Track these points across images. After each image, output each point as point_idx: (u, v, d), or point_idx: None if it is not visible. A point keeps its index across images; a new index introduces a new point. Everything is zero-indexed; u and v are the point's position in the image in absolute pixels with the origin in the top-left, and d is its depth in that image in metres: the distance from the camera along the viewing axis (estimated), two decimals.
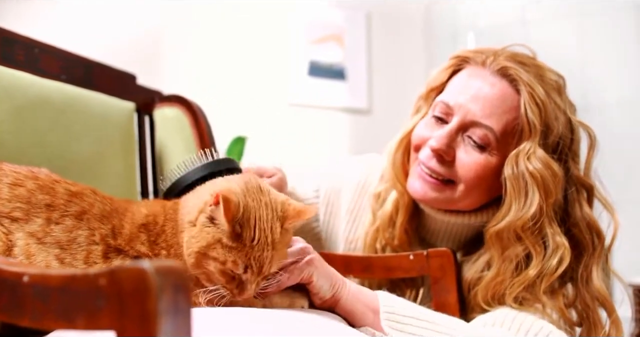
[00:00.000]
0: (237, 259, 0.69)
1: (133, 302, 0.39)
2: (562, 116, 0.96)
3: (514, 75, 0.95)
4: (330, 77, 2.75)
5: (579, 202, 0.97)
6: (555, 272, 0.91)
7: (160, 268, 0.39)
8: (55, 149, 0.95)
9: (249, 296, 0.72)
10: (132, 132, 1.15)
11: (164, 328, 0.38)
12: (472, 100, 0.96)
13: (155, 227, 0.77)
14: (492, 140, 0.95)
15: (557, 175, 0.93)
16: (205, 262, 0.70)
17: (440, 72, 1.05)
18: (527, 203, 0.92)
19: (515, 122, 0.95)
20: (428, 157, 0.99)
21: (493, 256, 0.96)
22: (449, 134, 0.97)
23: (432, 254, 0.99)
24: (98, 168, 1.03)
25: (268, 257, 0.70)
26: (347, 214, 1.18)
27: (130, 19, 2.22)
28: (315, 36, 2.72)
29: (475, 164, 0.96)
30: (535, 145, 0.92)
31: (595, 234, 0.96)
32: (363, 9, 2.83)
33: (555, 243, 0.92)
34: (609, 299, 0.95)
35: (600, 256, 0.96)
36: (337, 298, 0.82)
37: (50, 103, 0.96)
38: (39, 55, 1.00)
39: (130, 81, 1.20)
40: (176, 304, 0.40)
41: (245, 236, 0.69)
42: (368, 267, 1.04)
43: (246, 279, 0.70)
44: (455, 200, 1.00)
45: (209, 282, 0.72)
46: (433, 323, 0.83)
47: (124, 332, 0.39)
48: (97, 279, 0.41)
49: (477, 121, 0.95)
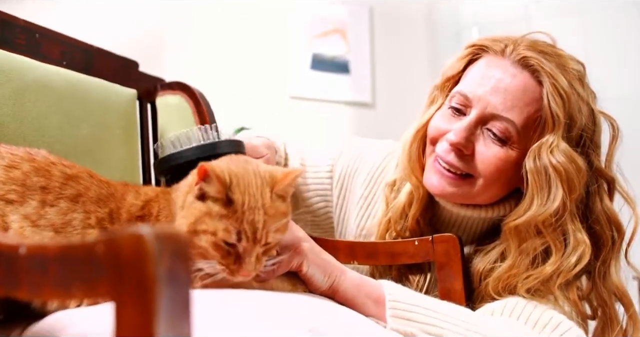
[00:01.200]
0: (228, 226, 0.67)
1: (131, 269, 0.38)
2: (585, 107, 0.92)
3: (535, 65, 0.91)
4: (333, 71, 2.73)
5: (600, 195, 0.93)
6: (573, 270, 0.88)
7: (160, 234, 0.38)
8: (55, 134, 0.94)
9: (248, 272, 0.68)
10: (134, 119, 1.14)
11: (163, 296, 0.37)
12: (492, 93, 0.92)
13: (150, 218, 0.77)
14: (514, 133, 0.91)
15: (581, 169, 0.89)
16: (197, 239, 0.68)
17: (457, 61, 1.00)
18: (550, 198, 0.88)
19: (538, 114, 0.91)
20: (446, 151, 0.95)
21: (509, 248, 0.93)
22: (468, 127, 0.92)
23: (437, 239, 0.97)
24: (98, 153, 1.02)
25: (260, 222, 0.68)
26: (362, 199, 1.12)
27: (134, 13, 2.21)
28: (318, 30, 2.71)
29: (495, 158, 0.92)
30: (558, 138, 0.88)
31: (615, 228, 0.93)
32: (366, 3, 2.81)
33: (576, 240, 0.88)
34: (627, 294, 0.92)
35: (619, 250, 0.93)
36: (335, 288, 0.80)
37: (50, 87, 0.95)
38: (40, 41, 0.99)
39: (132, 68, 1.19)
40: (175, 272, 0.38)
41: (235, 201, 0.68)
42: (373, 253, 1.02)
43: (242, 250, 0.68)
44: (473, 194, 0.96)
45: (208, 263, 0.70)
46: (440, 313, 0.81)
47: (122, 300, 0.38)
48: (95, 246, 0.40)
49: (498, 114, 0.91)
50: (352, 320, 0.69)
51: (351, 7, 2.77)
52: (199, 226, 0.68)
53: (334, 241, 1.06)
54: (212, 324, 0.57)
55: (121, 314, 0.38)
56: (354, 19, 2.78)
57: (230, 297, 0.66)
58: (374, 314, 0.80)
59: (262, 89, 2.57)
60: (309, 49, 2.68)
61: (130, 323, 0.38)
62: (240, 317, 0.59)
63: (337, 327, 0.62)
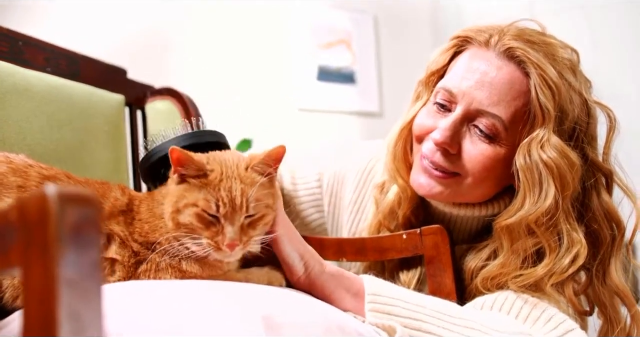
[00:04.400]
0: (207, 195, 0.69)
1: (35, 230, 0.36)
2: (577, 98, 0.87)
3: (521, 56, 0.86)
4: (339, 81, 2.73)
5: (597, 189, 0.88)
6: (566, 272, 0.83)
7: (65, 194, 0.37)
8: (36, 137, 0.94)
9: (231, 240, 0.69)
10: (121, 124, 1.14)
11: (66, 257, 0.36)
12: (477, 87, 0.87)
13: (133, 214, 0.77)
14: (501, 129, 0.86)
15: (574, 165, 0.84)
16: (181, 216, 0.70)
17: (441, 54, 0.96)
18: (541, 196, 0.83)
19: (526, 108, 0.86)
20: (432, 151, 0.90)
21: (501, 247, 0.88)
22: (453, 125, 0.88)
23: (426, 231, 0.94)
24: (82, 157, 1.02)
25: (237, 189, 0.70)
26: (351, 204, 1.10)
27: (140, 23, 2.24)
28: (323, 41, 2.71)
29: (482, 156, 0.87)
30: (549, 132, 0.84)
31: (615, 224, 0.88)
32: (370, 12, 2.81)
33: (571, 240, 0.83)
34: (629, 293, 0.86)
35: (619, 248, 0.87)
36: (312, 279, 0.77)
37: (32, 91, 0.96)
38: (23, 48, 1.01)
39: (120, 75, 1.20)
40: (82, 234, 0.37)
41: (211, 172, 0.71)
42: (361, 249, 0.99)
43: (223, 217, 0.70)
44: (462, 193, 0.92)
45: (195, 240, 0.70)
46: (422, 307, 0.77)
47: (28, 264, 0.37)
48: (9, 213, 0.39)
49: (484, 110, 0.86)
50: (317, 310, 0.65)
51: (355, 17, 2.77)
52: (180, 202, 0.71)
53: (321, 238, 1.04)
54: (158, 309, 0.55)
55: (27, 278, 0.37)
56: (358, 28, 2.78)
57: (188, 285, 0.64)
58: (352, 308, 0.76)
59: (270, 102, 2.57)
60: (314, 61, 2.69)
61: (34, 287, 0.36)
62: (191, 303, 0.57)
63: (296, 315, 0.58)
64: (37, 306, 0.36)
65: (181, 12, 2.32)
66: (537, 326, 0.79)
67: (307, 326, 0.57)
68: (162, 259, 0.71)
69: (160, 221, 0.73)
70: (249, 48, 2.50)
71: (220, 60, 2.44)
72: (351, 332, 0.63)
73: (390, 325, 0.71)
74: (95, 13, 2.02)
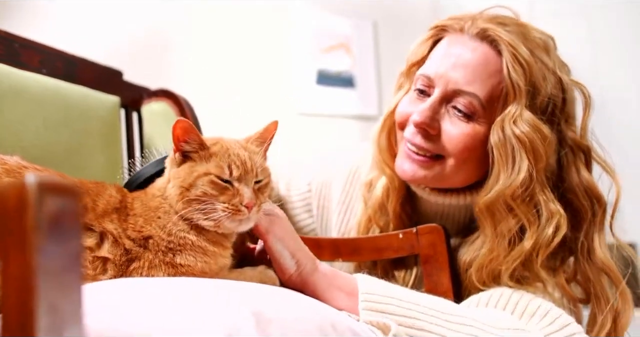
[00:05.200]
0: (218, 162, 0.71)
1: (13, 219, 0.36)
2: (550, 76, 0.89)
3: (493, 36, 0.89)
4: (339, 85, 2.73)
5: (576, 165, 0.90)
6: (551, 243, 0.84)
7: (44, 183, 0.36)
8: (32, 139, 0.94)
9: (249, 200, 0.70)
10: (117, 126, 1.14)
11: (45, 247, 0.35)
12: (452, 69, 0.90)
13: (127, 211, 0.76)
14: (478, 107, 0.89)
15: (546, 137, 0.86)
16: (193, 189, 0.70)
17: (420, 45, 0.99)
18: (515, 169, 0.85)
19: (501, 86, 0.89)
20: (413, 133, 0.94)
21: (485, 232, 0.89)
22: (432, 106, 0.91)
23: (422, 230, 0.93)
24: (77, 159, 1.02)
25: (245, 155, 0.73)
26: (339, 205, 1.12)
27: (140, 25, 2.24)
28: (323, 45, 2.72)
29: (462, 135, 0.90)
30: (521, 107, 0.86)
31: (595, 199, 0.89)
32: (369, 17, 2.82)
33: (549, 211, 0.85)
34: (614, 268, 0.87)
35: (602, 222, 0.89)
36: (304, 278, 0.77)
37: (27, 93, 0.96)
38: (18, 50, 1.01)
39: (116, 77, 1.20)
40: (62, 223, 0.36)
41: (213, 146, 0.74)
42: (357, 249, 0.98)
43: (237, 179, 0.71)
44: (446, 176, 0.94)
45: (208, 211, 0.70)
46: (417, 304, 0.76)
47: (6, 253, 0.36)
48: None
49: (460, 89, 0.89)
50: (308, 307, 0.64)
51: (355, 22, 2.78)
52: (190, 177, 0.71)
53: (317, 238, 1.03)
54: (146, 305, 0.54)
55: (5, 268, 0.36)
56: (358, 33, 2.78)
57: (179, 281, 0.64)
58: (346, 307, 0.75)
59: (270, 106, 2.57)
60: (314, 65, 2.69)
61: (12, 276, 0.35)
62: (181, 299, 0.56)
63: (287, 311, 0.57)
64: (15, 297, 0.35)
65: (181, 15, 2.33)
66: (533, 321, 0.78)
67: (298, 322, 0.56)
68: (156, 256, 0.71)
69: (155, 213, 0.73)
70: (248, 52, 2.50)
71: (219, 63, 2.44)
72: (344, 329, 0.62)
73: (385, 323, 0.70)
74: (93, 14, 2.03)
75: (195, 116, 1.21)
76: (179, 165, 0.74)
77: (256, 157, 0.75)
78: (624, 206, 0.91)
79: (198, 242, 0.72)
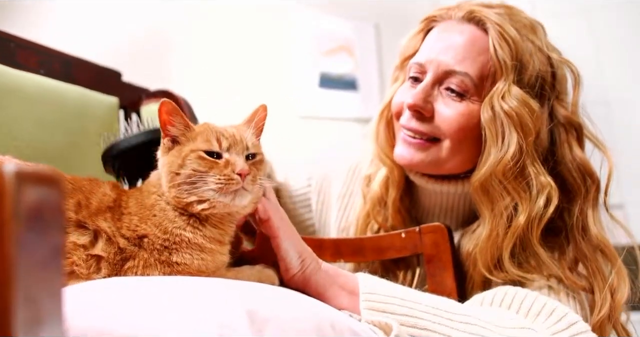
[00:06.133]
0: (205, 136, 0.69)
1: None
2: (538, 53, 0.91)
3: (479, 16, 0.91)
4: (341, 88, 2.71)
5: (568, 142, 0.91)
6: (544, 215, 0.85)
7: (24, 172, 0.34)
8: (26, 138, 0.93)
9: (241, 168, 0.67)
10: (115, 127, 1.13)
11: (24, 241, 0.33)
12: (442, 52, 0.92)
13: (120, 210, 0.75)
14: (470, 85, 0.90)
15: (534, 111, 0.87)
16: (183, 170, 0.68)
17: (411, 38, 1.02)
18: (504, 144, 0.87)
19: (489, 64, 0.90)
20: (408, 118, 0.95)
21: (484, 214, 0.90)
22: (424, 88, 0.93)
23: (425, 229, 0.91)
24: (73, 159, 1.00)
25: (233, 129, 0.71)
26: (339, 199, 1.13)
27: (140, 27, 2.24)
28: (325, 48, 2.70)
29: (457, 115, 0.91)
30: (509, 83, 0.88)
31: (588, 175, 0.90)
32: (371, 19, 2.81)
33: (540, 183, 0.86)
34: (610, 246, 0.87)
35: (595, 199, 0.89)
36: (307, 276, 0.75)
37: (23, 92, 0.95)
38: (15, 50, 1.00)
39: (115, 78, 1.19)
40: (42, 214, 0.35)
41: (200, 127, 0.72)
42: (359, 249, 0.96)
43: (227, 149, 0.69)
44: (443, 159, 0.94)
45: (201, 185, 0.68)
46: (420, 304, 0.74)
47: None
48: None
49: (451, 69, 0.91)
50: (306, 306, 0.62)
51: (357, 24, 2.77)
52: (179, 159, 0.69)
53: (319, 239, 1.01)
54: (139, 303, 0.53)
55: None
56: (360, 35, 2.77)
57: (174, 280, 0.62)
58: (347, 306, 0.74)
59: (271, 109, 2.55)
60: (316, 68, 2.68)
61: None
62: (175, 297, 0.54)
63: (283, 310, 0.56)
64: None
65: (181, 17, 2.32)
66: (539, 320, 0.76)
67: (295, 322, 0.54)
68: (151, 255, 0.69)
69: (150, 211, 0.71)
70: (249, 54, 2.49)
71: (220, 66, 2.43)
72: (343, 329, 0.60)
73: (387, 323, 0.68)
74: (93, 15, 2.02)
75: (195, 118, 1.20)
76: (169, 150, 0.72)
77: (245, 133, 0.72)
78: (629, 208, 0.90)
79: (195, 239, 0.70)
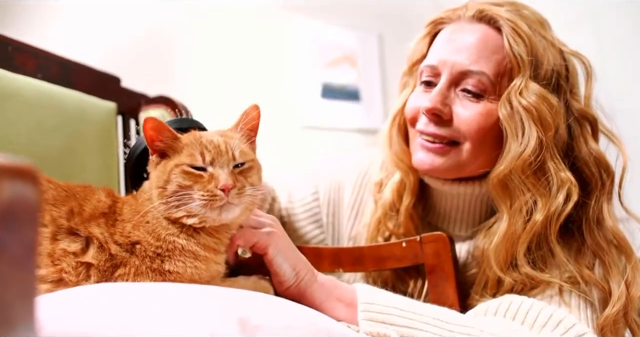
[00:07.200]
0: (190, 150, 0.68)
1: None
2: (551, 47, 0.89)
3: (490, 14, 0.90)
4: (344, 99, 2.70)
5: (584, 136, 0.89)
6: (563, 212, 0.83)
7: None
8: (23, 142, 0.91)
9: (224, 182, 0.65)
10: (112, 132, 1.11)
11: None
12: (455, 53, 0.90)
13: (115, 217, 0.73)
14: (488, 84, 0.88)
15: (553, 106, 0.86)
16: (169, 185, 0.67)
17: (418, 42, 0.99)
18: (524, 139, 0.85)
19: (505, 61, 0.88)
20: (425, 123, 0.92)
21: (502, 210, 0.87)
22: (440, 91, 0.90)
23: (426, 239, 0.88)
24: (71, 164, 0.99)
25: (219, 140, 0.69)
26: (348, 209, 1.09)
27: (141, 30, 2.23)
28: (327, 58, 2.70)
29: (476, 115, 0.89)
30: (526, 79, 0.86)
31: (604, 168, 0.88)
32: (374, 30, 2.81)
33: (560, 179, 0.84)
34: (625, 238, 0.85)
35: (610, 192, 0.88)
36: (302, 288, 0.73)
37: (20, 96, 0.94)
38: (12, 53, 0.99)
39: (114, 83, 1.18)
40: (15, 210, 0.33)
41: (186, 138, 0.70)
42: (359, 259, 0.93)
43: (211, 163, 0.67)
44: (464, 163, 0.91)
45: (186, 202, 0.67)
46: (420, 315, 0.72)
47: None
48: None
49: (467, 69, 0.89)
50: (299, 314, 0.60)
51: (360, 34, 2.77)
52: (164, 175, 0.68)
53: (318, 248, 0.98)
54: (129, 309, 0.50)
55: None
56: (363, 46, 2.77)
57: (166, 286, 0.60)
58: (345, 318, 0.71)
59: (274, 119, 2.54)
60: (318, 78, 2.67)
61: None
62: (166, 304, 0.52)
63: (276, 318, 0.53)
64: None
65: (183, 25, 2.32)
66: (545, 331, 0.73)
67: (288, 330, 0.52)
68: (142, 262, 0.67)
69: (143, 218, 0.69)
70: (251, 64, 2.48)
71: (223, 75, 2.42)
72: None
73: (386, 334, 0.66)
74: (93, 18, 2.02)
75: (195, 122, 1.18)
76: (157, 165, 0.71)
77: (232, 141, 0.70)
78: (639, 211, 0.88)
79: (188, 246, 0.68)
